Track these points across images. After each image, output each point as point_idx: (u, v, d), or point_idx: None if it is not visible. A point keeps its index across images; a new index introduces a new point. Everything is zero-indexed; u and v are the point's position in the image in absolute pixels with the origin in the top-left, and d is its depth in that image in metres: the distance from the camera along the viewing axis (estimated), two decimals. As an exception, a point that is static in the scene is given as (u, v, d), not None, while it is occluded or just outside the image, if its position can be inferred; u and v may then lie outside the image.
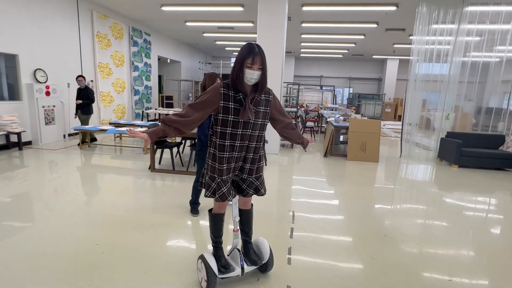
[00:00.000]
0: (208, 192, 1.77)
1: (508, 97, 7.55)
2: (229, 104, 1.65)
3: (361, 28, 9.24)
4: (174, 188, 3.83)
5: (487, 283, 2.09)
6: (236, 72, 1.62)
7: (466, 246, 2.63)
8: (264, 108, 1.75)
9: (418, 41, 6.61)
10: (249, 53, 1.60)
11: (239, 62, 1.61)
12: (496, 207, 3.67)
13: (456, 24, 6.38)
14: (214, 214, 1.90)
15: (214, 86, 1.67)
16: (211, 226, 1.92)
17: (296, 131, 2.00)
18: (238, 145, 1.72)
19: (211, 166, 1.75)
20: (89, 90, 6.49)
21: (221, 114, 1.67)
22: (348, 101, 16.73)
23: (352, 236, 2.73)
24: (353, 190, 4.06)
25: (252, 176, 1.85)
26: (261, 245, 2.02)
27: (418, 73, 6.69)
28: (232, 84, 1.66)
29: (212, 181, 1.75)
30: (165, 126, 1.62)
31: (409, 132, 6.80)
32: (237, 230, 1.95)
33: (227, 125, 1.67)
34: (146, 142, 1.57)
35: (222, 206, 1.89)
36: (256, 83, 1.67)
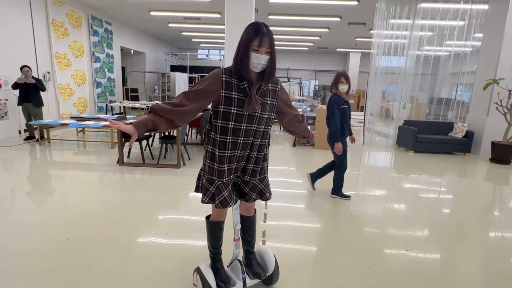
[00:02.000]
0: (205, 197, 1.56)
1: (456, 88, 8.27)
2: (232, 94, 1.41)
3: (325, 22, 9.54)
4: (145, 181, 3.79)
5: (438, 254, 2.38)
6: (240, 57, 1.39)
7: (421, 222, 2.94)
8: (271, 100, 1.52)
9: (378, 35, 7.00)
10: (256, 33, 1.36)
11: (244, 45, 1.38)
12: (446, 187, 4.09)
13: (411, 19, 6.84)
14: (213, 222, 1.68)
15: (215, 73, 1.42)
16: (209, 235, 1.71)
17: (303, 124, 1.81)
18: (242, 142, 1.49)
19: (210, 167, 1.52)
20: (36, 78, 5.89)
21: (222, 106, 1.42)
22: (314, 92, 17.25)
23: (321, 218, 2.92)
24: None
25: (256, 178, 1.62)
26: (264, 254, 1.80)
27: (378, 65, 7.11)
28: (236, 70, 1.42)
29: (211, 184, 1.53)
30: (155, 116, 1.35)
31: (370, 122, 7.23)
32: (238, 239, 1.74)
33: (230, 118, 1.43)
34: (132, 136, 1.29)
35: (221, 213, 1.66)
36: (263, 70, 1.44)
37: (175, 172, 4.19)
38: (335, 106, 3.11)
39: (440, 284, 1.94)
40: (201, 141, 6.23)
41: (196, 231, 2.51)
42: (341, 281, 1.93)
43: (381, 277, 1.99)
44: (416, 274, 2.04)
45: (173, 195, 3.32)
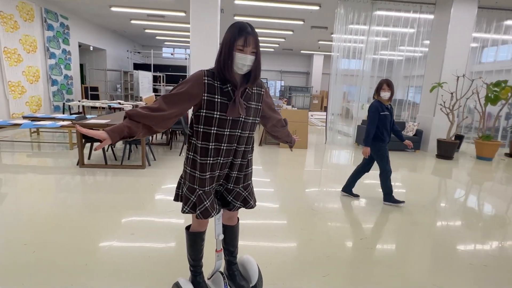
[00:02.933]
0: (186, 207, 1.47)
1: (407, 90, 8.97)
2: (215, 97, 1.33)
3: (289, 24, 9.83)
4: (108, 183, 3.69)
5: (390, 241, 2.63)
6: (223, 58, 1.30)
7: (376, 213, 3.21)
8: (256, 104, 1.45)
9: (338, 39, 7.38)
10: (240, 32, 1.28)
11: (227, 44, 1.29)
12: (400, 181, 4.47)
13: (367, 25, 7.31)
14: (193, 232, 1.59)
15: (196, 75, 1.34)
16: (189, 246, 1.62)
17: (286, 128, 1.75)
18: (225, 148, 1.41)
19: (191, 175, 1.43)
20: None
21: (204, 110, 1.34)
22: (280, 93, 17.64)
23: (286, 214, 3.08)
24: (285, 174, 4.47)
25: (239, 186, 1.55)
26: (247, 264, 1.75)
27: (339, 68, 7.50)
28: (219, 72, 1.33)
29: (192, 193, 1.44)
30: (131, 122, 1.25)
31: (332, 121, 7.61)
32: (220, 250, 1.67)
33: (212, 123, 1.35)
34: (104, 142, 1.19)
35: (202, 223, 1.57)
36: (248, 72, 1.36)
37: (140, 173, 4.12)
38: (375, 112, 3.17)
39: (391, 268, 2.17)
40: (167, 141, 6.15)
41: (163, 232, 2.54)
42: (304, 270, 2.08)
43: (339, 263, 2.18)
44: (370, 260, 2.25)
45: (138, 196, 3.28)
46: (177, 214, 2.85)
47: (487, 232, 2.84)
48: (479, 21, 7.06)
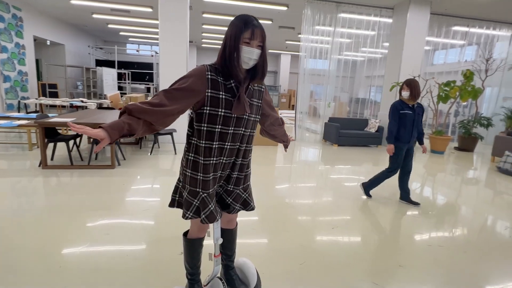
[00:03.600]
0: (189, 212, 1.37)
1: (370, 89, 9.52)
2: (219, 94, 1.27)
3: (258, 24, 9.96)
4: (75, 184, 3.55)
5: (356, 230, 2.84)
6: (228, 51, 1.23)
7: (343, 204, 3.42)
8: (257, 101, 1.41)
9: (305, 39, 7.63)
10: (247, 24, 1.22)
11: (232, 38, 1.23)
12: (364, 175, 4.77)
13: (333, 27, 7.65)
14: (192, 239, 1.51)
15: (198, 70, 1.27)
16: (188, 254, 1.54)
17: (283, 127, 1.71)
18: (228, 147, 1.36)
19: (192, 177, 1.35)
20: None
21: (208, 107, 1.27)
22: (249, 91, 17.75)
23: (261, 208, 3.19)
24: (258, 171, 4.58)
25: (240, 187, 1.50)
26: (244, 267, 1.72)
27: (306, 67, 7.76)
28: (222, 67, 1.27)
29: (194, 197, 1.36)
30: (132, 118, 1.15)
31: (301, 119, 7.86)
32: (218, 255, 1.60)
33: (217, 121, 1.29)
34: (103, 141, 1.07)
35: (203, 228, 1.50)
36: (253, 67, 1.30)
37: (110, 172, 4.00)
38: (394, 110, 3.25)
39: (360, 252, 2.36)
40: (136, 141, 5.99)
41: (138, 233, 2.52)
42: (282, 259, 2.20)
43: (314, 252, 2.32)
44: (341, 247, 2.43)
45: (110, 196, 3.20)
46: (153, 213, 2.84)
47: (441, 218, 3.17)
48: (431, 26, 7.67)
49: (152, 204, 3.06)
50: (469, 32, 8.23)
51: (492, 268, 2.25)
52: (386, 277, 2.05)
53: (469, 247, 2.54)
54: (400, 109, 3.24)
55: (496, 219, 3.21)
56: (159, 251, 2.19)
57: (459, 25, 8.03)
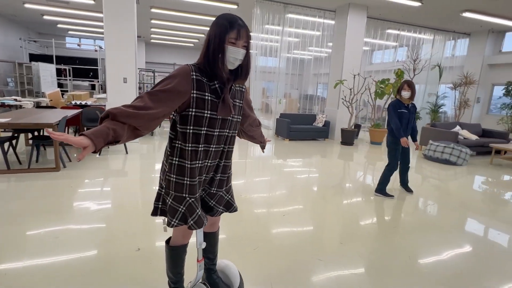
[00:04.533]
0: (174, 219, 1.32)
1: (317, 86, 10.12)
2: (205, 95, 1.23)
3: (209, 21, 9.93)
4: (12, 191, 3.30)
5: (306, 216, 3.11)
6: (213, 51, 1.20)
7: (295, 193, 3.70)
8: (239, 102, 1.39)
9: (256, 37, 7.86)
10: (232, 24, 1.20)
11: (217, 37, 1.20)
12: (313, 166, 5.14)
13: (281, 26, 7.98)
14: (177, 246, 1.46)
15: (183, 69, 1.21)
16: (171, 262, 1.49)
17: (260, 128, 1.70)
18: (214, 150, 1.34)
19: (177, 183, 1.30)
20: None
21: (193, 109, 1.23)
22: (202, 88, 17.56)
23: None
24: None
25: (223, 189, 1.48)
26: (226, 269, 1.70)
27: (258, 65, 8.00)
28: (206, 68, 1.23)
29: (180, 203, 1.31)
30: (116, 124, 1.07)
31: (254, 115, 8.10)
32: (201, 260, 1.57)
33: (203, 123, 1.26)
34: (86, 149, 0.98)
35: (188, 234, 1.46)
36: (236, 68, 1.28)
37: (55, 175, 3.79)
38: (393, 109, 3.51)
39: (308, 236, 2.62)
40: (82, 141, 5.66)
41: (88, 238, 2.48)
42: (237, 245, 2.36)
43: (266, 237, 2.52)
44: (291, 232, 2.67)
45: (54, 201, 3.06)
46: (106, 214, 2.80)
47: (379, 201, 3.60)
48: (368, 28, 8.42)
49: (103, 207, 3.01)
50: (400, 35, 9.20)
51: (417, 239, 2.67)
52: (329, 253, 2.33)
53: (399, 223, 2.96)
54: (398, 108, 3.53)
55: (422, 199, 3.75)
56: (113, 252, 2.21)
57: (391, 28, 8.92)
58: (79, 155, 0.97)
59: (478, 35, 9.41)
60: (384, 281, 2.00)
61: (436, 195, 3.90)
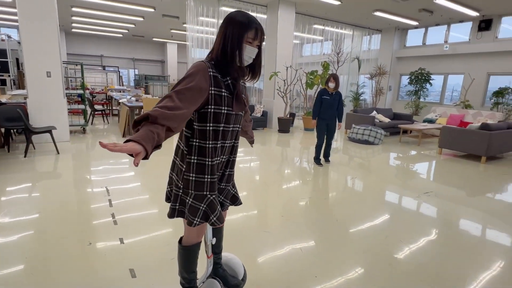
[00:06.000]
0: (197, 218, 1.31)
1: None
2: (222, 91, 1.25)
3: (139, 11, 9.48)
4: None
5: (250, 201, 3.41)
6: (231, 48, 1.21)
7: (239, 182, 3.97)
8: (244, 96, 1.41)
9: (191, 29, 7.82)
10: (250, 23, 1.22)
11: (236, 35, 1.21)
12: (256, 154, 5.49)
13: (216, 19, 8.08)
14: (192, 245, 1.44)
15: (201, 66, 1.21)
16: (187, 261, 1.47)
17: (251, 123, 1.74)
18: (228, 145, 1.37)
19: (197, 181, 1.29)
20: None
21: (212, 106, 1.24)
22: (135, 82, 16.63)
23: (156, 203, 3.40)
24: (156, 162, 4.68)
25: (230, 184, 1.50)
26: (230, 262, 1.75)
27: (194, 57, 7.99)
28: (221, 64, 1.24)
29: (201, 201, 1.31)
30: (157, 126, 1.02)
31: (194, 108, 8.11)
32: (211, 256, 1.60)
33: (221, 120, 1.27)
34: (139, 155, 0.94)
35: (202, 232, 1.46)
36: (251, 64, 1.31)
37: (-26, 182, 3.39)
38: (318, 95, 4.52)
39: (248, 213, 2.91)
40: (1, 144, 5.06)
41: (15, 251, 2.39)
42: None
43: (214, 218, 2.75)
44: (238, 212, 2.94)
45: None
46: (39, 220, 2.69)
47: (315, 182, 4.10)
48: (298, 23, 9.04)
49: (33, 211, 2.87)
50: (325, 30, 10.08)
51: (344, 209, 3.18)
52: (273, 225, 2.66)
53: (330, 196, 3.47)
54: (321, 95, 4.48)
55: (349, 175, 4.38)
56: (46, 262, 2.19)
57: (317, 24, 9.73)
58: (135, 160, 0.92)
59: (387, 32, 10.85)
60: (318, 240, 2.41)
61: (358, 171, 4.58)
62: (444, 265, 2.14)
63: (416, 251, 2.32)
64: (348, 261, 2.14)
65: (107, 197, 3.14)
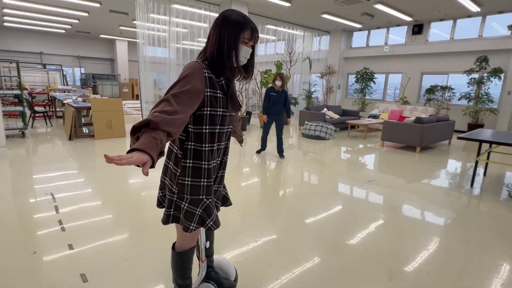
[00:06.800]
0: (193, 224, 1.28)
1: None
2: (217, 92, 1.21)
3: (82, 5, 8.89)
4: None
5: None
6: (227, 48, 1.19)
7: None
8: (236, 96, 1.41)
9: (141, 26, 7.57)
10: (246, 23, 1.20)
11: (232, 35, 1.19)
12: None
13: (168, 16, 7.90)
14: (187, 250, 1.40)
15: (196, 67, 1.17)
16: (181, 267, 1.43)
17: (240, 123, 1.70)
18: (223, 147, 1.34)
19: (193, 185, 1.26)
20: None
21: (208, 108, 1.21)
22: (81, 81, 15.52)
23: (111, 207, 3.29)
24: (108, 165, 4.48)
25: (221, 185, 1.47)
26: (221, 264, 1.74)
27: (146, 55, 7.74)
28: (216, 64, 1.21)
29: (197, 206, 1.28)
30: (159, 133, 0.98)
31: (147, 109, 7.87)
32: (205, 260, 1.57)
33: (216, 122, 1.24)
34: (146, 165, 0.90)
35: (196, 236, 1.43)
36: (244, 64, 1.30)
37: None
38: (266, 92, 4.89)
39: (207, 208, 2.96)
40: None
41: (-31, 244, 2.19)
42: (150, 229, 2.51)
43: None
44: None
45: None
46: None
47: (271, 177, 4.25)
48: (251, 23, 9.18)
49: None
50: (277, 30, 10.39)
51: (299, 201, 3.37)
52: (229, 220, 2.75)
53: (285, 190, 3.64)
54: (269, 92, 4.88)
55: (303, 169, 4.62)
56: (6, 256, 2.05)
57: (270, 24, 9.99)
58: (144, 170, 0.89)
59: (335, 33, 11.51)
60: (273, 231, 2.55)
61: (312, 165, 4.86)
62: (392, 246, 2.41)
63: (365, 236, 2.57)
64: (301, 248, 2.31)
65: (53, 204, 2.97)
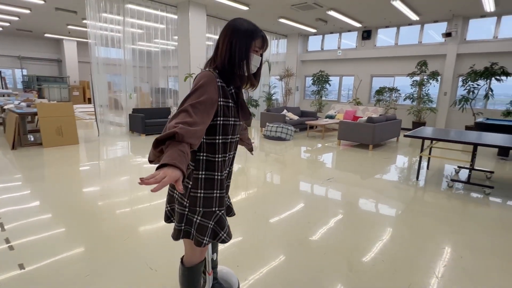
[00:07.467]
0: (206, 238, 1.24)
1: (167, 79, 10.20)
2: (229, 102, 1.20)
3: (23, 1, 8.16)
4: None
5: (168, 197, 3.39)
6: (238, 57, 1.17)
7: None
8: None
9: (93, 26, 7.15)
10: (257, 33, 1.20)
11: (244, 44, 1.17)
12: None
13: (121, 16, 7.56)
14: (197, 264, 1.36)
15: (210, 77, 1.14)
16: (191, 282, 1.38)
17: (247, 131, 1.66)
18: (232, 157, 1.32)
19: (206, 198, 1.23)
20: None
21: (221, 118, 1.19)
22: (24, 84, 14.18)
23: (52, 210, 3.10)
24: (59, 174, 4.19)
25: (227, 195, 1.44)
26: (225, 275, 1.73)
27: (99, 56, 7.33)
28: (227, 73, 1.19)
29: (209, 218, 1.25)
30: (184, 145, 0.96)
31: (102, 113, 7.45)
32: (211, 272, 1.55)
33: (228, 132, 1.22)
34: (179, 181, 0.89)
35: (206, 249, 1.40)
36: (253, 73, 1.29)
37: None
38: None
39: (171, 215, 2.92)
40: None
41: None
42: (114, 239, 2.41)
43: (135, 228, 2.67)
44: (159, 219, 2.91)
45: None
46: None
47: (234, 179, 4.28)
48: (209, 25, 9.16)
49: None
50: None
51: (263, 201, 3.46)
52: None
53: (249, 191, 3.71)
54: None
55: (266, 170, 4.72)
56: None
57: (229, 26, 10.00)
58: (178, 187, 0.90)
59: (292, 37, 11.90)
60: (239, 233, 2.60)
61: (274, 165, 4.99)
62: (351, 239, 2.59)
63: (326, 231, 2.72)
64: (267, 248, 2.39)
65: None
